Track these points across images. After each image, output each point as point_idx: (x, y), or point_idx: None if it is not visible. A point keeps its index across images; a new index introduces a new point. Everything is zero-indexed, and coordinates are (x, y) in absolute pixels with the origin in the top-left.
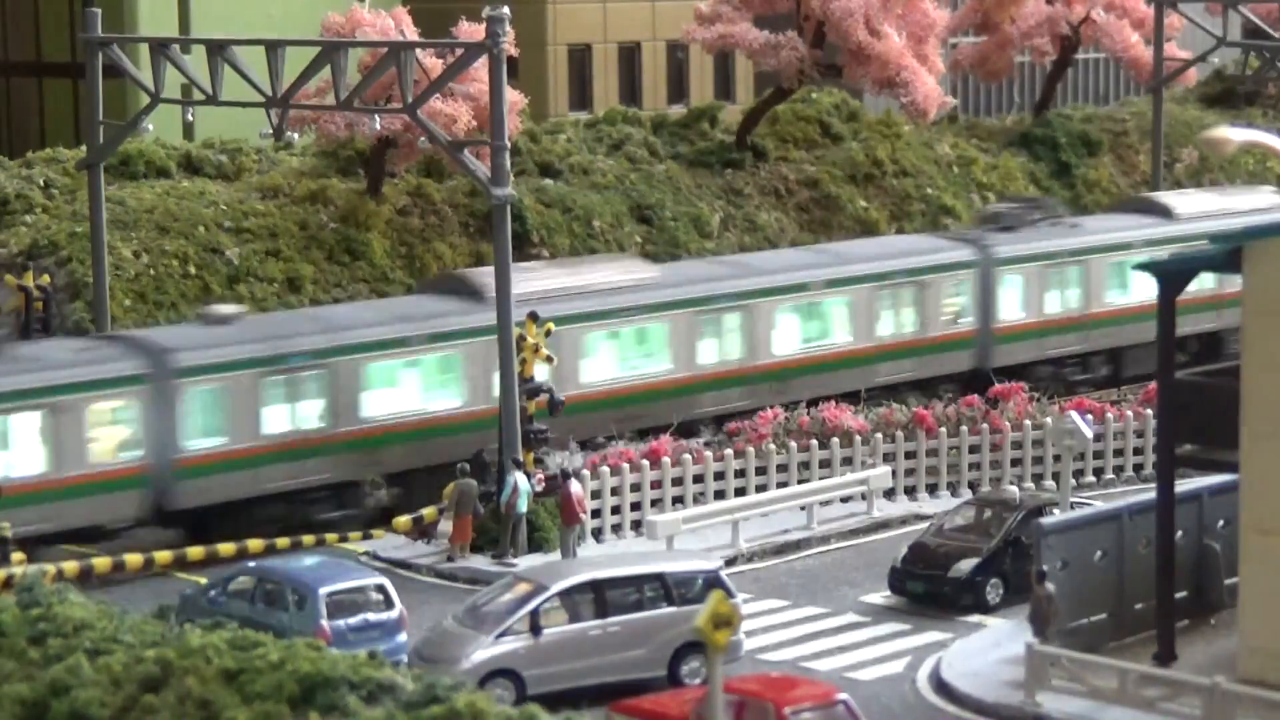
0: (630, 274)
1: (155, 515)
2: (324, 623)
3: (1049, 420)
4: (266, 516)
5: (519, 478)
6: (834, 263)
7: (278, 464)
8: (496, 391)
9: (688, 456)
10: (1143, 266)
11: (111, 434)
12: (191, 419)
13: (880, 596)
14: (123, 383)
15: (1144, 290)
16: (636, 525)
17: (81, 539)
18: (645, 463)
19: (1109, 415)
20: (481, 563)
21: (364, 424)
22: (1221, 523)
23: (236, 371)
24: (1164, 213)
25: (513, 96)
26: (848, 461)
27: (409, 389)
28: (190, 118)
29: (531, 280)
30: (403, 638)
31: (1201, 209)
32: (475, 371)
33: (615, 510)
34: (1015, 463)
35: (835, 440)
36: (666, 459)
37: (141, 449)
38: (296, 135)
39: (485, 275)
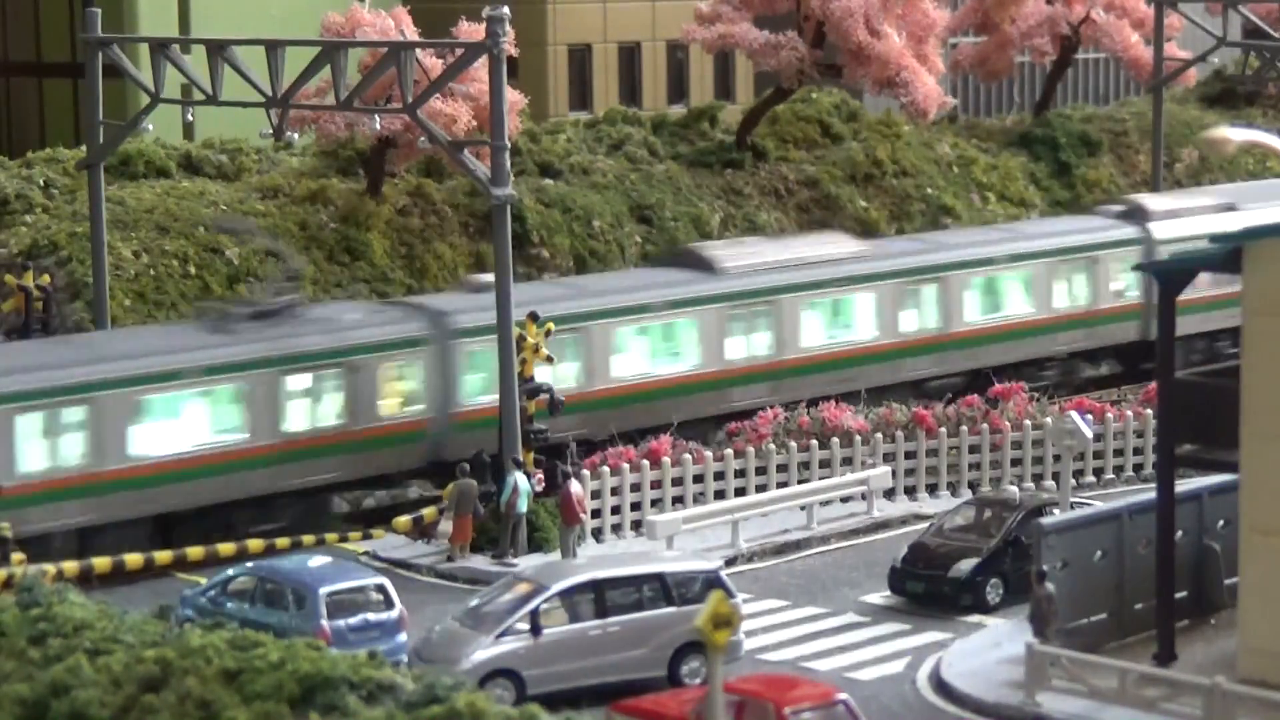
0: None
1: None
2: (324, 623)
3: (1049, 420)
4: None
5: (519, 478)
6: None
7: None
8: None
9: (688, 456)
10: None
11: None
12: None
13: (880, 596)
14: None
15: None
16: (636, 525)
17: None
18: (645, 463)
19: (1109, 415)
20: (481, 563)
21: None
22: (1221, 523)
23: None
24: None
25: (513, 96)
26: (848, 461)
27: None
28: (190, 118)
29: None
30: (403, 638)
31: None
32: None
33: (615, 510)
34: (1015, 463)
35: (835, 440)
36: (666, 459)
37: None
38: (296, 135)
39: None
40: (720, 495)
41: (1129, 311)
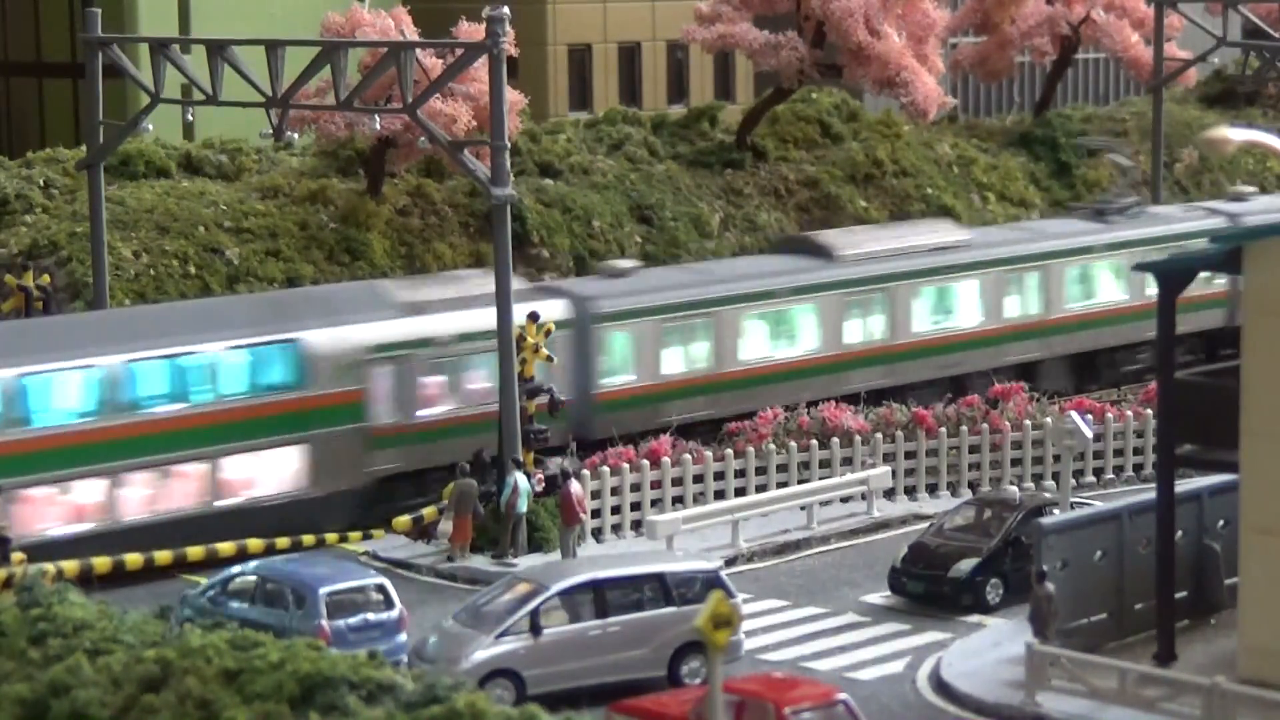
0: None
1: None
2: (324, 623)
3: (1049, 420)
4: None
5: (519, 478)
6: None
7: None
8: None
9: (688, 456)
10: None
11: None
12: None
13: (880, 596)
14: None
15: None
16: (636, 525)
17: None
18: (645, 463)
19: (1109, 415)
20: (481, 563)
21: None
22: (1221, 523)
23: None
24: None
25: (513, 96)
26: (848, 461)
27: None
28: (190, 118)
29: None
30: (403, 638)
31: None
32: None
33: (615, 510)
34: (1015, 463)
35: (835, 440)
36: (666, 459)
37: None
38: (296, 135)
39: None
40: (720, 495)
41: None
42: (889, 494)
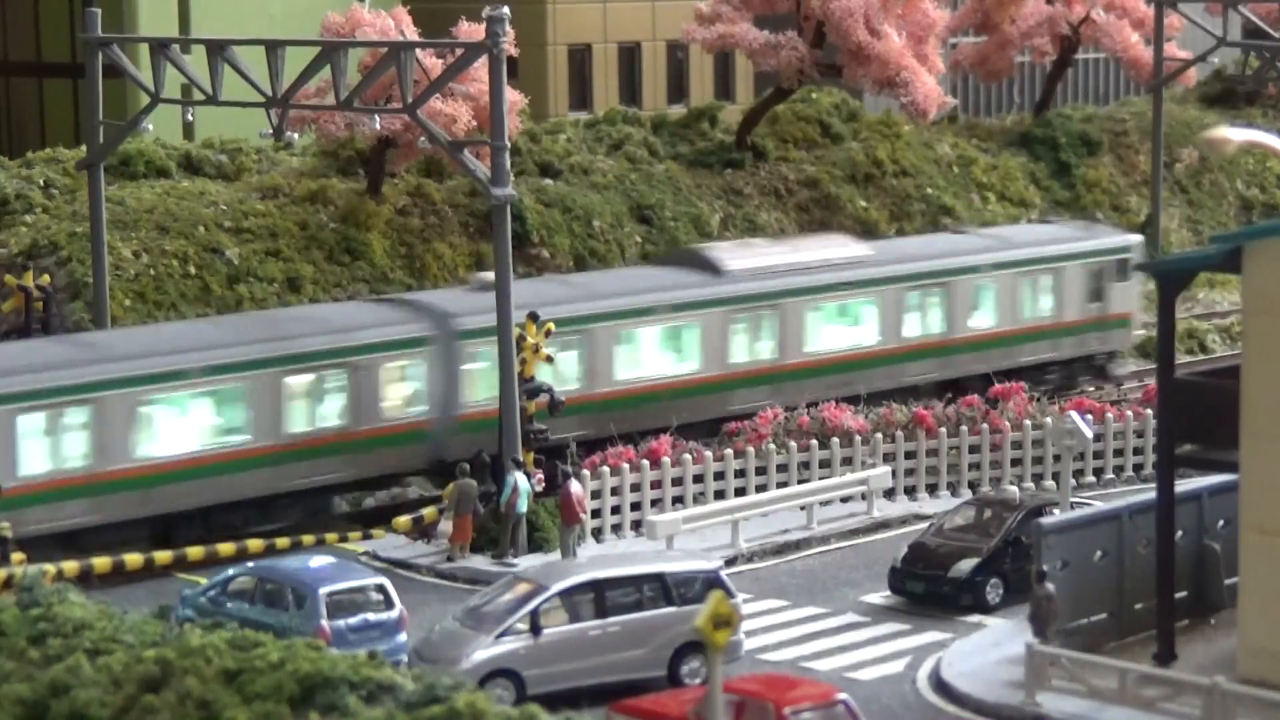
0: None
1: None
2: (324, 623)
3: (1049, 420)
4: None
5: (519, 478)
6: None
7: None
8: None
9: (688, 456)
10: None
11: None
12: None
13: (880, 596)
14: None
15: None
16: (636, 525)
17: None
18: (645, 463)
19: (1109, 415)
20: (481, 563)
21: None
22: (1221, 523)
23: None
24: None
25: (513, 96)
26: (848, 461)
27: None
28: (190, 118)
29: None
30: (403, 638)
31: None
32: None
33: (615, 510)
34: (1015, 463)
35: (835, 440)
36: (666, 459)
37: None
38: (296, 135)
39: None
40: (720, 495)
41: None
42: (889, 494)
